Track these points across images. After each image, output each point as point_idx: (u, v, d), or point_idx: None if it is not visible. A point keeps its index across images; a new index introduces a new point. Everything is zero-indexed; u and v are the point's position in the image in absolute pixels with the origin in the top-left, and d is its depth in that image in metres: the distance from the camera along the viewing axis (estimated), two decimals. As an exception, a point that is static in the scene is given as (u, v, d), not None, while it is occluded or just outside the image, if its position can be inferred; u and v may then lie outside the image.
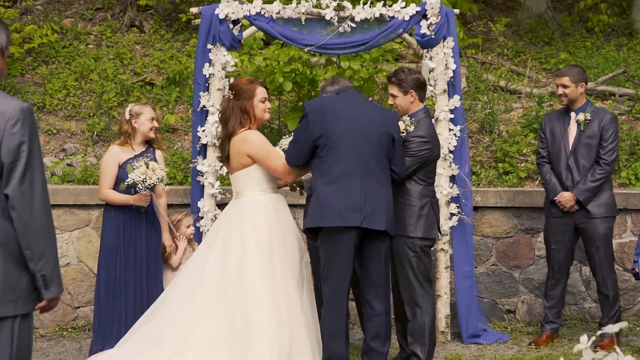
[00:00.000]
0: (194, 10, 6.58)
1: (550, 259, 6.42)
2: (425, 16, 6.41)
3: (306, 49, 6.51)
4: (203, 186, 6.39)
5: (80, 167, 7.47)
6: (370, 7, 6.36)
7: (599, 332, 2.73)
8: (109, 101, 8.40)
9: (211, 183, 6.36)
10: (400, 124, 5.48)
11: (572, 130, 6.34)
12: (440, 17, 6.42)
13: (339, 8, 6.37)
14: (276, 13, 6.34)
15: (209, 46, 6.38)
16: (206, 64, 6.39)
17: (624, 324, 2.66)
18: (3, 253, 3.33)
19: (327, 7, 6.33)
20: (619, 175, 7.64)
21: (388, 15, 6.39)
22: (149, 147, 6.04)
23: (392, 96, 5.61)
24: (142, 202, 5.80)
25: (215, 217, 6.27)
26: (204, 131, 6.38)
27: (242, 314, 5.21)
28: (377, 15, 6.37)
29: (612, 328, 2.53)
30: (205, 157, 6.41)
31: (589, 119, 6.28)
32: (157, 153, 6.05)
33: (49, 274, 3.36)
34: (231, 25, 6.37)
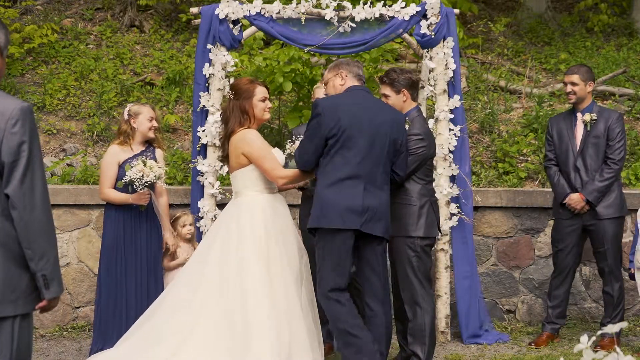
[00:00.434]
0: (194, 10, 6.58)
1: (557, 260, 6.40)
2: (425, 16, 6.41)
3: (306, 49, 6.50)
4: (203, 186, 6.39)
5: (80, 167, 7.47)
6: (370, 7, 6.36)
7: (599, 332, 2.73)
8: (109, 101, 8.40)
9: (211, 183, 6.36)
10: None
11: (579, 131, 6.32)
12: (440, 17, 6.42)
13: (339, 8, 6.36)
14: (276, 13, 6.34)
15: (209, 46, 6.38)
16: (206, 64, 6.39)
17: (624, 324, 2.66)
18: (3, 253, 3.32)
19: (327, 7, 6.33)
20: (619, 175, 7.64)
21: (388, 15, 6.39)
22: (149, 146, 6.03)
23: (384, 96, 5.60)
24: (141, 200, 5.80)
25: (215, 217, 6.28)
26: (204, 131, 6.38)
27: (242, 314, 5.21)
28: (377, 15, 6.36)
29: (613, 328, 2.53)
30: (205, 157, 6.41)
31: (595, 119, 6.26)
32: (158, 152, 6.05)
33: (49, 274, 3.36)
34: (231, 25, 6.36)
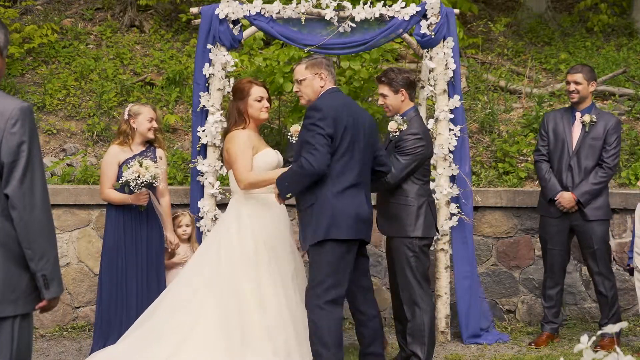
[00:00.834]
0: (194, 10, 6.58)
1: (547, 259, 6.40)
2: (425, 16, 6.41)
3: (306, 49, 6.50)
4: (203, 186, 6.39)
5: (80, 167, 7.47)
6: (370, 7, 6.35)
7: (599, 332, 2.73)
8: (109, 101, 8.40)
9: (211, 183, 6.36)
10: (393, 123, 5.47)
11: (577, 130, 6.29)
12: (440, 17, 6.41)
13: (339, 8, 6.36)
14: (276, 13, 6.34)
15: (209, 46, 6.37)
16: (206, 64, 6.39)
17: (624, 324, 2.65)
18: (3, 253, 3.32)
19: (327, 7, 6.32)
20: (618, 175, 7.64)
21: (388, 15, 6.39)
22: (150, 146, 6.03)
23: (382, 96, 5.58)
24: (139, 201, 5.79)
25: (215, 217, 6.29)
26: (203, 131, 6.38)
27: (241, 314, 5.22)
28: (377, 15, 6.36)
29: (612, 328, 2.53)
30: (205, 157, 6.41)
31: (595, 120, 6.25)
32: (158, 151, 6.03)
33: (49, 274, 3.36)
34: (231, 25, 6.36)
